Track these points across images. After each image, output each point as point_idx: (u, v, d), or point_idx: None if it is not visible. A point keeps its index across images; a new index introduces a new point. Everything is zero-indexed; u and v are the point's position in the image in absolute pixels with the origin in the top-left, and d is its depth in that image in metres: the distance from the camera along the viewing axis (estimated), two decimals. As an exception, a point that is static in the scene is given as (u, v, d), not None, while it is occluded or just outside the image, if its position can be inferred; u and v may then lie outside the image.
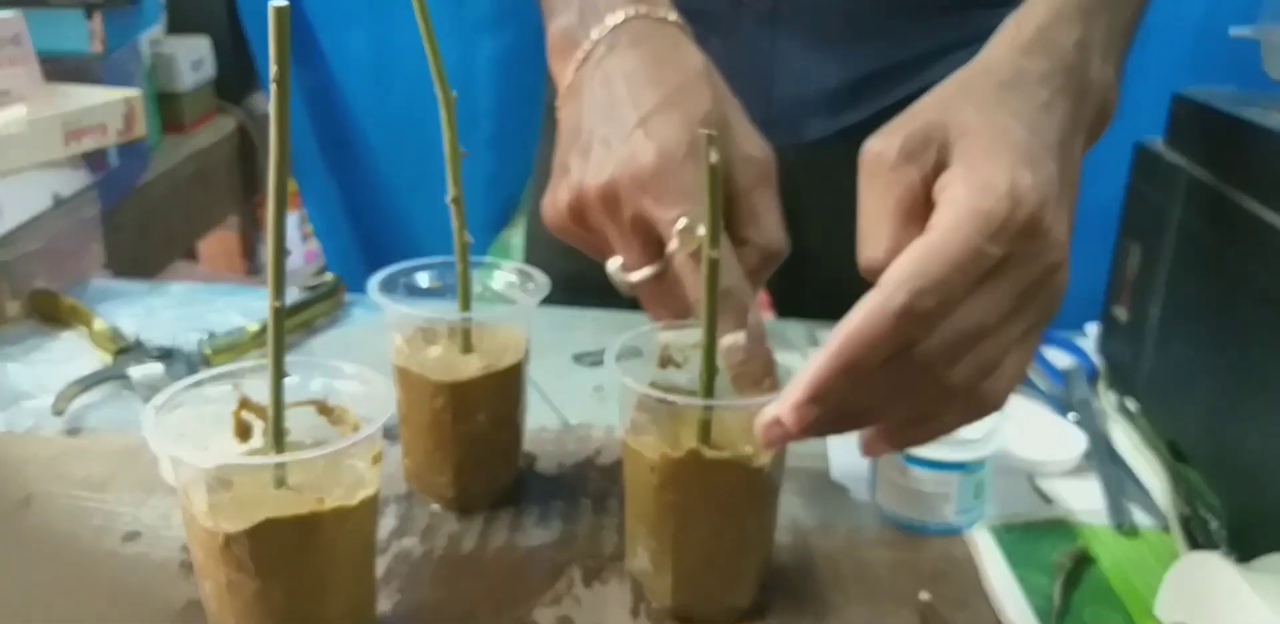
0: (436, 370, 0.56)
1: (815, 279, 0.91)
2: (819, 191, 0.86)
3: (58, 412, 0.66)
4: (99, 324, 0.76)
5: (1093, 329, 0.78)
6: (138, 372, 0.69)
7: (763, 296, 1.07)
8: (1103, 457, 0.63)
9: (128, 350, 0.72)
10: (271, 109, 0.35)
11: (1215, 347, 0.60)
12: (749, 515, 0.49)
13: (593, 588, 0.53)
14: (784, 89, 0.71)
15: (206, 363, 0.72)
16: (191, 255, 1.79)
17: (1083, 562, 0.55)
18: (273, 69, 0.35)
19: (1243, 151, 0.58)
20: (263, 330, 0.74)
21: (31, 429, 0.66)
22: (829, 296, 0.89)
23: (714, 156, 0.41)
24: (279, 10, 0.36)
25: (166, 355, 0.71)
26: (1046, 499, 0.60)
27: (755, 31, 0.70)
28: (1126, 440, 0.66)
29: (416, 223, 1.47)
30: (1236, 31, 0.71)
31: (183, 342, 0.75)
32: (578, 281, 0.81)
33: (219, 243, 1.85)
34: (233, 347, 0.73)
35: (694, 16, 0.65)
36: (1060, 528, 0.58)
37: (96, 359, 0.74)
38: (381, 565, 0.53)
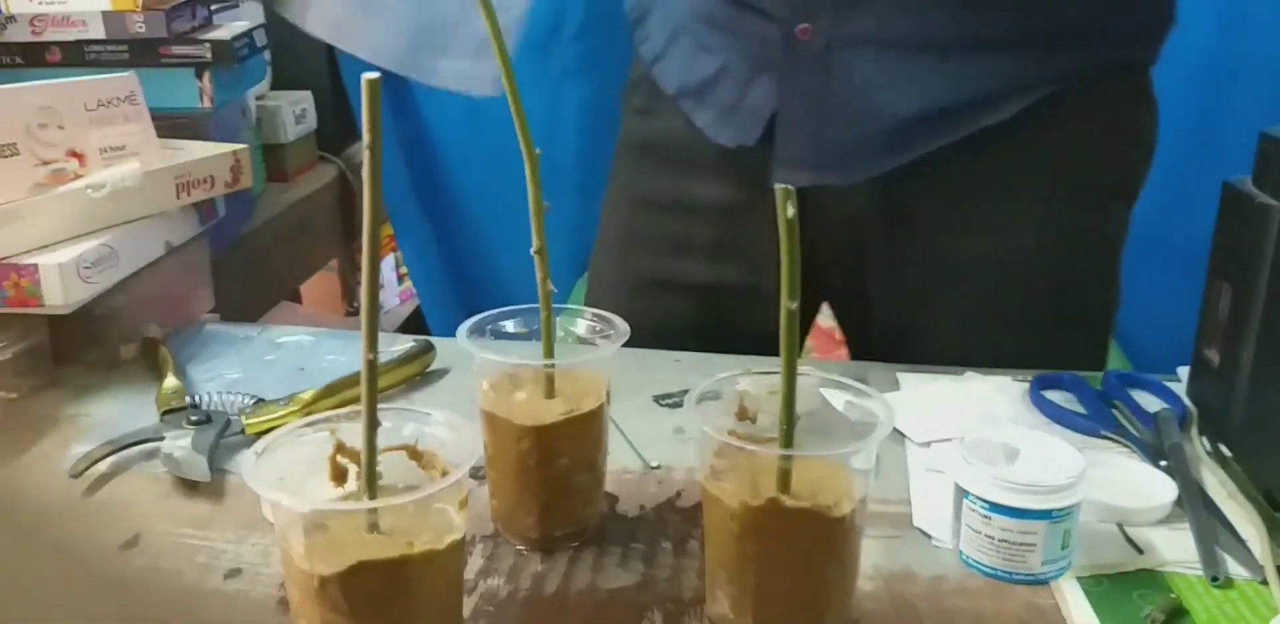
0: (521, 414, 0.57)
1: (879, 322, 0.90)
2: (875, 235, 0.86)
3: (74, 475, 0.66)
4: (170, 381, 0.78)
5: (1184, 372, 0.76)
6: (168, 444, 0.69)
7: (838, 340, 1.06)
8: (1195, 505, 0.62)
9: (173, 411, 0.74)
10: (365, 174, 0.38)
11: (1312, 392, 0.58)
12: (830, 564, 0.49)
13: (674, 632, 0.53)
14: (836, 131, 0.70)
15: (242, 431, 0.72)
16: (294, 297, 1.85)
17: (1176, 615, 0.54)
18: (366, 137, 0.37)
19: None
20: (314, 401, 0.74)
21: (139, 469, 0.69)
22: (893, 339, 0.89)
23: (790, 211, 0.42)
24: (371, 82, 0.38)
25: (205, 420, 0.72)
26: (1138, 549, 0.59)
27: (809, 69, 0.70)
28: (1220, 488, 0.65)
29: (508, 266, 1.50)
30: (1328, 69, 0.70)
31: (266, 393, 0.76)
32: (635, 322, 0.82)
33: (321, 284, 1.91)
34: (272, 416, 0.73)
35: (746, 55, 0.66)
36: (1152, 579, 0.57)
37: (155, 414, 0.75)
38: (469, 605, 0.55)
